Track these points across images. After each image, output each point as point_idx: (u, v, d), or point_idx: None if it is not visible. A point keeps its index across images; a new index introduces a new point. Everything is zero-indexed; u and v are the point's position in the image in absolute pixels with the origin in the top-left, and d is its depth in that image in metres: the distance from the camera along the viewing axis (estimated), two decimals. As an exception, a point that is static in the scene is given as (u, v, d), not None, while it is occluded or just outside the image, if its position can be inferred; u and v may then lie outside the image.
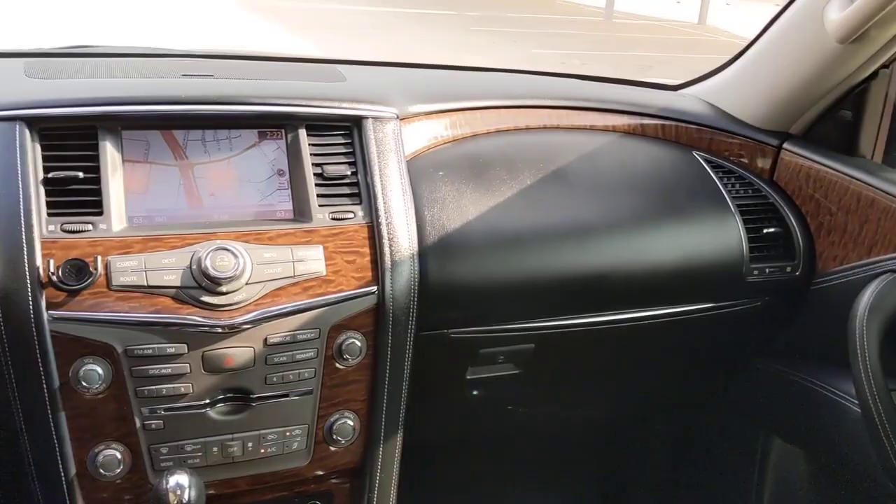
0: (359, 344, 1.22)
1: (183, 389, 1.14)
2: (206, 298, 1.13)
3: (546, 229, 1.36)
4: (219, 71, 1.37)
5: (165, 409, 1.14)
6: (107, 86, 1.27)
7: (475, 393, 1.49)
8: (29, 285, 1.07)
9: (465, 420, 1.61)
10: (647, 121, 1.59)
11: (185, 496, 1.03)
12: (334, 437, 1.25)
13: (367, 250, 1.24)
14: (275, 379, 1.18)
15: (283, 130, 1.27)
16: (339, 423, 1.25)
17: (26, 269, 1.07)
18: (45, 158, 1.14)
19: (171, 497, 1.02)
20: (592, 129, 1.55)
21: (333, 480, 1.33)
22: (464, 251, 1.31)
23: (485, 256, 1.32)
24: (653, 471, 2.03)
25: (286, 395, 1.20)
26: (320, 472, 1.28)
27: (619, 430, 2.03)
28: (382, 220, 1.25)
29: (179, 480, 1.03)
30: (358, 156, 1.29)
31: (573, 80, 1.76)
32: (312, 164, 1.26)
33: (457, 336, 1.36)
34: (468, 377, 1.45)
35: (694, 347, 1.61)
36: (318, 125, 1.28)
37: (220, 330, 1.13)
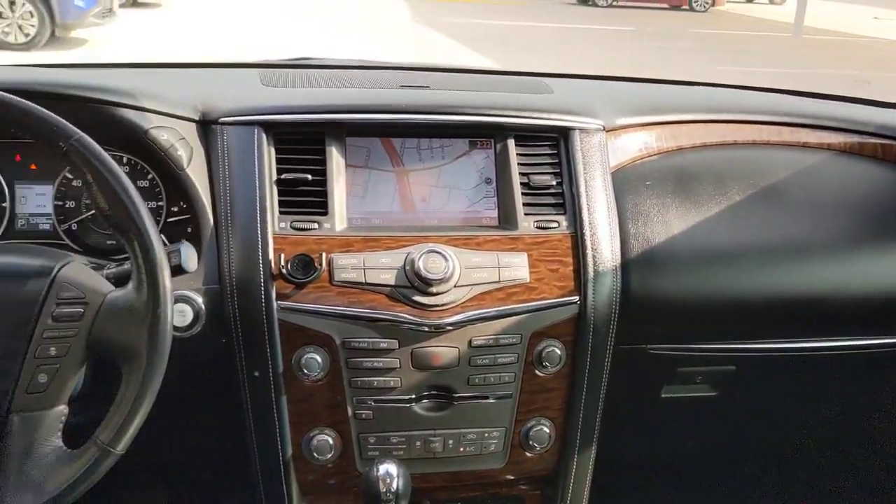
0: (558, 352, 1.23)
1: (392, 383, 1.19)
2: (418, 298, 1.18)
3: (756, 247, 1.32)
4: (433, 83, 1.43)
5: (375, 401, 1.20)
6: (333, 95, 1.36)
7: (669, 412, 1.46)
8: (262, 277, 1.16)
9: (656, 438, 1.58)
10: (865, 139, 1.50)
11: (394, 485, 1.07)
12: (530, 442, 1.27)
13: (570, 260, 1.25)
14: (476, 380, 1.22)
15: (492, 140, 1.31)
16: (535, 429, 1.27)
17: (260, 261, 1.17)
18: (278, 161, 1.24)
19: (381, 484, 1.07)
20: (805, 146, 1.48)
21: (525, 486, 1.35)
22: (668, 266, 1.29)
23: (690, 272, 1.30)
24: None
25: (486, 397, 1.23)
26: (514, 477, 1.31)
27: (811, 460, 1.91)
28: (587, 230, 1.25)
29: (389, 469, 1.08)
30: (564, 166, 1.31)
31: (783, 95, 1.70)
32: (519, 174, 1.29)
33: (655, 352, 1.34)
34: (663, 395, 1.43)
35: None
36: (526, 136, 1.31)
37: (428, 329, 1.18)
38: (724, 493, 1.90)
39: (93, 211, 1.26)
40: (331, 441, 1.21)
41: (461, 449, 1.25)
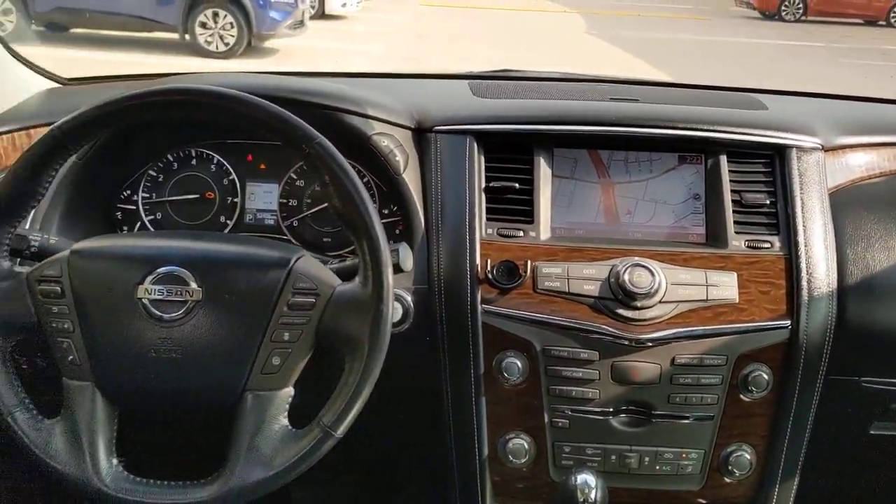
0: (765, 377, 1.19)
1: (590, 394, 1.19)
2: (621, 311, 1.17)
3: None
4: (642, 96, 1.42)
5: (572, 410, 1.21)
6: (543, 106, 1.38)
7: (877, 449, 1.37)
8: (469, 279, 1.20)
9: (861, 476, 1.48)
10: None
11: (592, 495, 1.07)
12: (729, 467, 1.23)
13: (782, 282, 1.20)
14: (677, 399, 1.19)
15: (703, 156, 1.29)
16: (735, 454, 1.23)
17: (467, 265, 1.21)
18: (487, 169, 1.27)
19: (579, 494, 1.07)
20: None
21: None
22: (890, 295, 1.21)
23: None
24: None
25: (686, 418, 1.20)
26: (709, 501, 1.27)
27: None
28: (802, 252, 1.20)
29: (588, 479, 1.08)
30: (778, 185, 1.26)
31: None
32: (731, 191, 1.25)
33: (869, 385, 1.26)
34: (872, 432, 1.34)
35: None
36: (740, 152, 1.28)
37: (630, 343, 1.17)
38: None
39: (313, 210, 1.36)
40: (526, 446, 1.23)
41: (657, 467, 1.23)
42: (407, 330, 1.20)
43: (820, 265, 1.20)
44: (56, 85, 1.57)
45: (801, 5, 16.95)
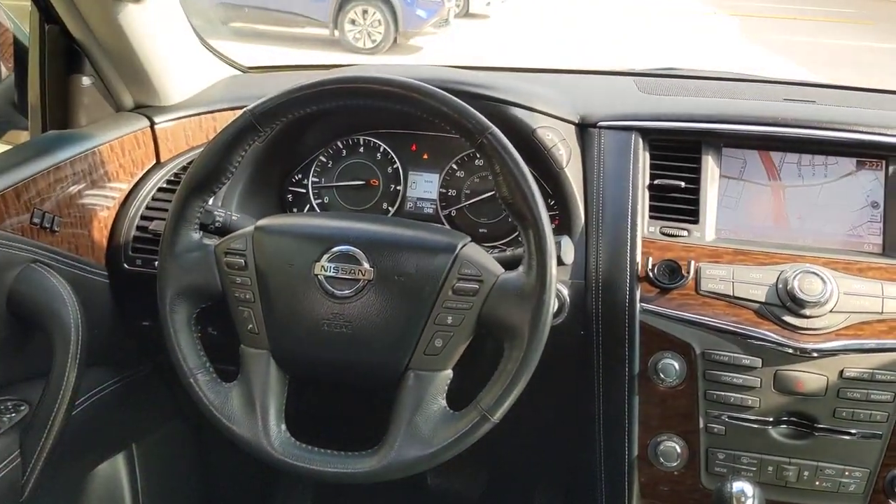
0: None
1: (750, 402, 1.16)
2: (788, 318, 1.13)
3: None
4: (819, 98, 1.36)
5: (729, 417, 1.17)
6: (712, 105, 1.35)
7: None
8: (628, 277, 1.19)
9: None
10: None
11: (748, 504, 1.05)
12: None
13: None
14: (844, 414, 1.14)
15: (883, 162, 1.22)
16: None
17: (627, 262, 1.20)
18: (652, 167, 1.26)
19: (735, 502, 1.05)
20: None
21: None
22: None
23: None
24: None
25: (851, 434, 1.15)
26: None
27: None
28: None
29: (745, 488, 1.05)
30: None
31: None
32: None
33: None
34: None
35: None
36: None
37: (794, 352, 1.12)
38: None
39: (472, 200, 1.38)
40: (678, 449, 1.21)
41: (816, 483, 1.18)
42: (562, 323, 1.21)
43: None
44: (238, 73, 1.67)
45: (979, 9, 15.66)
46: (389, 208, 1.42)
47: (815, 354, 1.12)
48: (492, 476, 1.83)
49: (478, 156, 1.18)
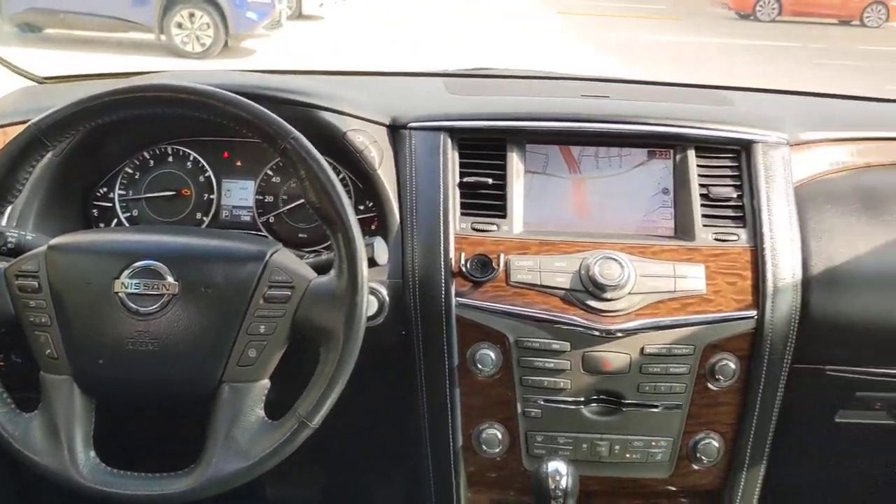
0: (732, 366, 1.22)
1: (562, 384, 1.22)
2: (591, 303, 1.20)
3: None
4: (613, 93, 1.45)
5: (545, 400, 1.23)
6: (515, 103, 1.40)
7: (843, 438, 1.40)
8: (443, 273, 1.22)
9: (827, 464, 1.52)
10: None
11: (563, 483, 1.10)
12: (698, 455, 1.26)
13: (748, 273, 1.23)
14: (647, 388, 1.22)
15: (671, 151, 1.32)
16: (703, 441, 1.26)
17: (441, 259, 1.23)
18: (461, 165, 1.29)
19: (550, 481, 1.10)
20: None
21: (687, 500, 1.34)
22: (852, 286, 1.25)
23: (875, 294, 1.25)
24: None
25: (655, 406, 1.23)
26: (678, 488, 1.30)
27: None
28: (767, 244, 1.23)
29: (559, 467, 1.11)
30: (745, 179, 1.29)
31: None
32: (699, 185, 1.28)
33: (833, 374, 1.29)
34: (837, 420, 1.37)
35: None
36: (707, 147, 1.31)
37: (600, 333, 1.19)
38: None
39: (289, 206, 1.37)
40: (499, 436, 1.25)
41: (627, 455, 1.25)
42: (382, 323, 1.22)
43: (785, 257, 1.23)
44: (31, 83, 1.57)
45: (775, 5, 17.12)
46: (204, 218, 1.39)
47: (618, 335, 1.20)
48: (330, 477, 1.83)
49: None
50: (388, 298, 1.22)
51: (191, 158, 1.38)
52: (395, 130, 1.33)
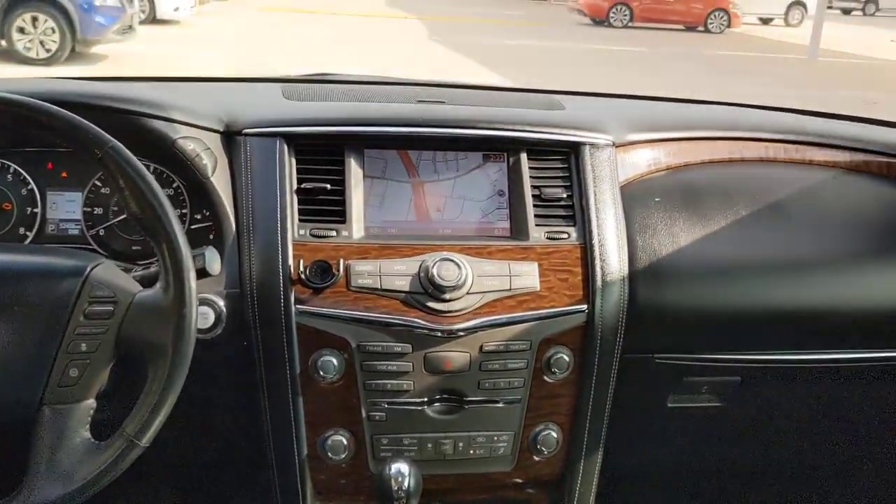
0: (567, 359, 1.27)
1: (405, 386, 1.23)
2: (431, 304, 1.22)
3: (760, 262, 1.36)
4: (449, 98, 1.48)
5: (388, 403, 1.24)
6: (353, 109, 1.41)
7: (675, 421, 1.49)
8: (281, 281, 1.21)
9: (662, 447, 1.61)
10: (871, 157, 1.54)
11: (405, 483, 1.11)
12: (538, 446, 1.31)
13: (579, 270, 1.29)
14: (487, 385, 1.25)
15: (505, 154, 1.36)
16: (543, 433, 1.30)
17: (280, 266, 1.22)
18: (299, 171, 1.29)
19: (393, 483, 1.11)
20: (812, 164, 1.52)
21: (532, 490, 1.39)
22: (674, 277, 1.33)
23: (696, 284, 1.34)
24: None
25: (496, 402, 1.27)
26: (522, 480, 1.34)
27: (818, 476, 1.93)
28: (595, 241, 1.29)
29: (401, 468, 1.12)
30: (574, 180, 1.35)
31: (791, 114, 1.74)
32: (531, 186, 1.33)
33: (662, 361, 1.37)
34: (669, 405, 1.46)
35: None
36: (538, 150, 1.36)
37: (441, 334, 1.22)
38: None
39: (120, 217, 1.32)
40: (345, 441, 1.26)
41: (471, 451, 1.28)
42: (220, 335, 1.20)
43: (612, 253, 1.30)
44: None
45: (627, 12, 18.01)
46: (28, 233, 1.31)
47: (459, 334, 1.22)
48: (180, 496, 1.77)
49: None
50: (224, 310, 1.20)
51: (11, 171, 1.31)
52: (230, 137, 1.31)
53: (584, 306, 1.27)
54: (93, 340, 0.97)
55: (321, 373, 1.22)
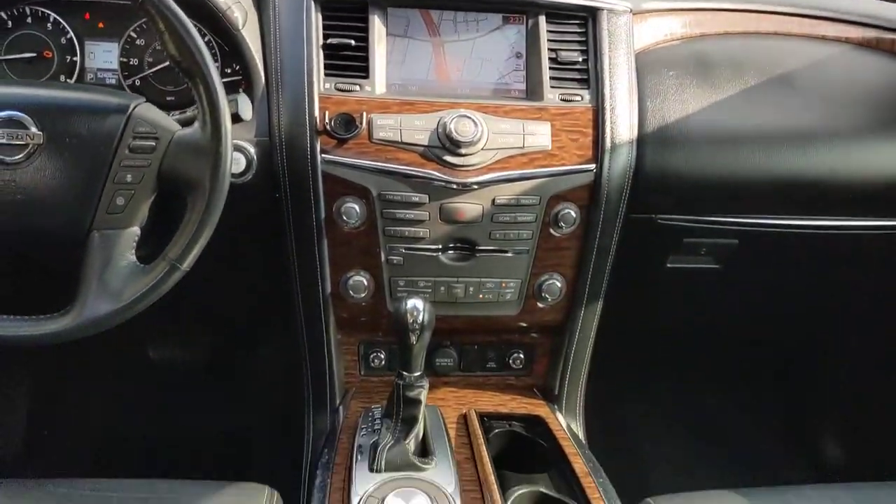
0: (574, 215, 1.35)
1: (422, 234, 1.33)
2: (448, 158, 1.30)
3: (765, 131, 1.41)
4: None
5: (406, 249, 1.34)
6: None
7: (673, 282, 1.58)
8: (308, 131, 1.29)
9: (659, 306, 1.71)
10: (883, 34, 1.56)
11: (420, 317, 1.21)
12: (543, 294, 1.41)
13: (590, 131, 1.35)
14: (497, 235, 1.34)
15: (524, 17, 1.40)
16: (548, 282, 1.40)
17: (306, 117, 1.29)
18: (325, 27, 1.34)
19: (409, 316, 1.21)
20: (824, 38, 1.55)
21: (535, 335, 1.50)
22: (681, 142, 1.39)
23: (701, 150, 1.40)
24: (839, 401, 2.04)
25: (505, 251, 1.36)
26: (527, 324, 1.45)
27: (809, 350, 2.05)
28: (607, 105, 1.35)
29: (416, 304, 1.21)
30: (590, 44, 1.39)
31: None
32: (548, 49, 1.38)
33: (664, 222, 1.45)
34: (668, 265, 1.55)
35: None
36: (557, 13, 1.39)
37: (456, 186, 1.30)
38: (718, 371, 2.06)
39: (155, 68, 1.39)
40: (365, 282, 1.36)
41: (480, 296, 1.39)
42: (251, 181, 1.28)
43: (622, 116, 1.36)
44: None
45: None
46: (68, 81, 1.39)
47: (474, 187, 1.30)
48: (214, 337, 1.92)
49: None
50: (255, 157, 1.28)
51: (51, 20, 1.37)
52: None
53: (593, 166, 1.34)
54: (137, 172, 1.06)
55: (344, 218, 1.31)
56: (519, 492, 1.18)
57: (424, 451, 1.22)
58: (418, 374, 1.19)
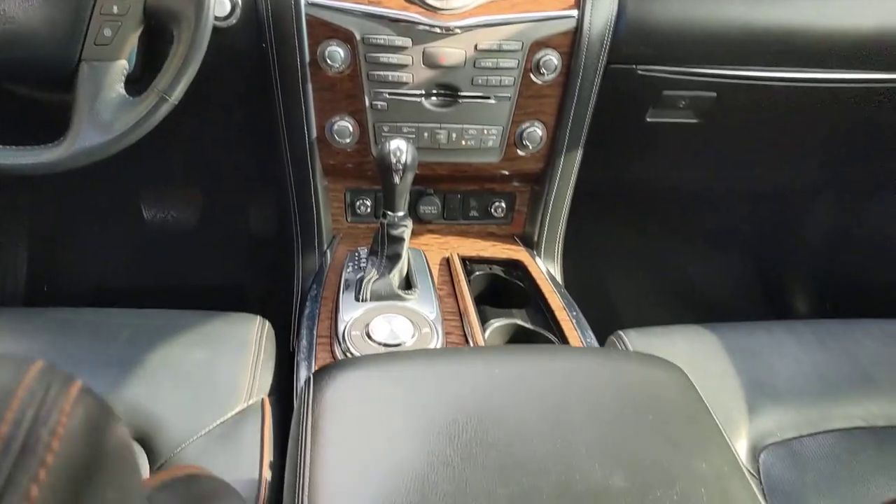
0: (555, 61, 1.37)
1: (405, 78, 1.35)
2: (431, 1, 1.31)
3: None
4: None
5: (389, 94, 1.37)
6: None
7: (653, 136, 1.62)
8: None
9: (638, 160, 1.75)
10: None
11: (403, 157, 1.25)
12: (524, 142, 1.45)
13: None
14: (480, 81, 1.37)
15: None
16: (529, 130, 1.44)
17: None
18: None
19: (392, 156, 1.25)
20: None
21: (517, 183, 1.55)
22: None
23: (683, 1, 1.41)
24: (810, 255, 2.12)
25: (487, 98, 1.39)
26: (508, 172, 1.50)
27: (783, 206, 2.11)
28: None
29: (399, 145, 1.25)
30: None
31: None
32: None
33: (644, 73, 1.47)
34: (648, 119, 1.58)
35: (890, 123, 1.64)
36: None
37: (439, 30, 1.31)
38: (695, 231, 2.12)
39: None
40: (350, 128, 1.39)
41: (463, 142, 1.43)
42: (235, 26, 1.29)
43: None
44: None
45: None
46: None
47: (457, 31, 1.32)
48: (204, 191, 1.96)
49: None
50: (240, 1, 1.29)
51: None
52: None
53: (575, 12, 1.35)
54: (123, 3, 1.08)
55: (328, 62, 1.33)
56: (497, 324, 1.25)
57: (408, 285, 1.29)
58: (402, 213, 1.24)
